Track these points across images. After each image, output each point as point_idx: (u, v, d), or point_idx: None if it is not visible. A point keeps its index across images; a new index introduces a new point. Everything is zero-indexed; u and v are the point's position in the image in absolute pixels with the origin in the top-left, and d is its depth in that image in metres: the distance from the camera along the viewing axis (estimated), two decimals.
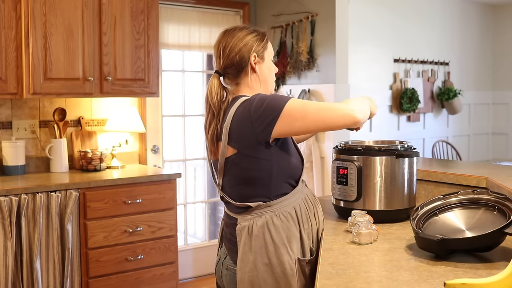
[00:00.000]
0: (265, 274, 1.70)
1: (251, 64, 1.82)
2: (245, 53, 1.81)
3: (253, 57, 1.81)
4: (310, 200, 1.85)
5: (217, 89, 1.80)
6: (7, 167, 3.43)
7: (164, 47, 4.18)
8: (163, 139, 4.34)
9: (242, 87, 1.83)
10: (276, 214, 1.73)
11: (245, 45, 1.81)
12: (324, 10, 4.08)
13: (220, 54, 1.82)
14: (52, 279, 3.10)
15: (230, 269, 1.81)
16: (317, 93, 4.11)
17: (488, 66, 6.89)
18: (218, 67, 1.84)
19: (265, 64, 1.86)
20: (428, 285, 1.34)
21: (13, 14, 3.24)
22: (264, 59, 1.86)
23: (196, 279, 4.44)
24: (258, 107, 1.69)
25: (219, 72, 1.84)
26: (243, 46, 1.80)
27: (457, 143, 6.43)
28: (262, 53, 1.85)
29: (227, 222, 1.86)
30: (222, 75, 1.84)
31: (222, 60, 1.82)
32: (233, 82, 1.85)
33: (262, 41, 1.85)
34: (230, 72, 1.83)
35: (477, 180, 2.18)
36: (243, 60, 1.81)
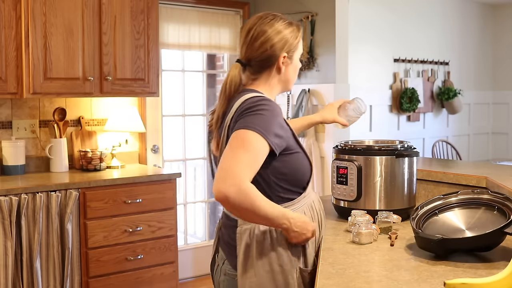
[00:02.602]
0: (266, 281, 1.61)
1: (279, 64, 1.68)
2: (276, 51, 1.66)
3: (283, 57, 1.67)
4: (316, 207, 1.74)
5: (237, 81, 1.65)
6: (7, 166, 3.43)
7: (164, 47, 4.18)
8: (163, 139, 4.34)
9: (259, 83, 1.70)
10: None
11: (279, 41, 1.65)
12: (324, 10, 4.08)
13: (249, 43, 1.66)
14: (52, 278, 3.10)
15: (229, 274, 1.70)
16: (317, 93, 4.11)
17: (488, 66, 6.89)
18: (242, 57, 1.69)
19: (292, 65, 1.73)
20: (428, 285, 1.34)
21: (13, 14, 3.24)
22: (293, 60, 1.72)
23: (196, 279, 4.44)
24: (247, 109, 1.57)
25: (241, 62, 1.68)
26: (277, 42, 1.65)
27: (457, 143, 6.43)
28: (292, 53, 1.71)
29: (226, 223, 1.74)
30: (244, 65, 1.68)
31: (249, 51, 1.66)
32: (251, 77, 1.70)
33: (297, 38, 1.70)
34: (253, 66, 1.68)
35: (477, 180, 2.18)
36: (271, 58, 1.66)
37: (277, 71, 1.69)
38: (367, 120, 5.49)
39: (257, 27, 1.65)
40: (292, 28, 1.69)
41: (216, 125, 1.70)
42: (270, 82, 1.71)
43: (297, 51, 1.72)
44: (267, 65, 1.67)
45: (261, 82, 1.70)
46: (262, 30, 1.65)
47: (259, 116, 1.55)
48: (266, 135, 1.53)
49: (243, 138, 1.51)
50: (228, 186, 1.44)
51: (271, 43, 1.64)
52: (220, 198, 1.45)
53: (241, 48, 1.69)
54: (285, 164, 1.63)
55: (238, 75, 1.66)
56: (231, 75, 1.66)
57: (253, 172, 1.51)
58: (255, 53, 1.65)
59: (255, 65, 1.68)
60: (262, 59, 1.66)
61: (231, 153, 1.50)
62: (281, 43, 1.66)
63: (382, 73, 5.67)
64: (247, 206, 1.47)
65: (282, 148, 1.61)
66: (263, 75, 1.70)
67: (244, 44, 1.67)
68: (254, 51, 1.65)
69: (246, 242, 1.63)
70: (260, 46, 1.64)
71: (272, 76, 1.70)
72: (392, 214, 1.87)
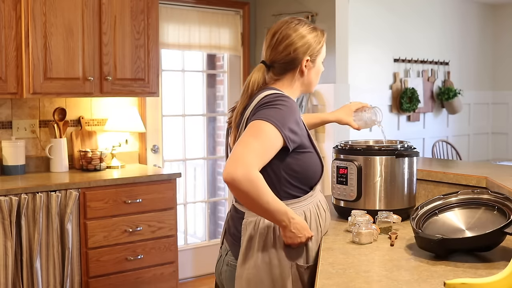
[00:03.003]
0: (263, 274, 1.66)
1: (302, 68, 1.74)
2: (300, 54, 1.72)
3: (306, 61, 1.74)
4: (322, 205, 1.78)
5: (260, 81, 1.72)
6: (7, 166, 3.43)
7: (164, 47, 4.18)
8: (163, 139, 4.34)
9: (281, 84, 1.76)
10: None
11: (303, 45, 1.71)
12: (324, 10, 4.08)
13: (273, 46, 1.73)
14: (52, 278, 3.10)
15: (231, 265, 1.75)
16: (317, 93, 4.11)
17: (488, 66, 6.89)
18: (267, 59, 1.75)
19: (315, 69, 1.79)
20: (428, 285, 1.34)
21: (13, 14, 3.24)
22: (316, 64, 1.78)
23: (196, 279, 4.44)
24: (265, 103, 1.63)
25: (266, 63, 1.75)
26: (300, 46, 1.71)
27: (457, 143, 6.43)
28: (315, 57, 1.77)
29: (233, 215, 1.79)
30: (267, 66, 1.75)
31: (273, 53, 1.73)
32: (274, 77, 1.76)
33: (320, 43, 1.76)
34: (276, 67, 1.75)
35: (477, 180, 2.18)
36: (295, 61, 1.73)
37: (300, 73, 1.75)
38: None
39: (282, 31, 1.72)
40: (316, 33, 1.75)
41: (235, 121, 1.74)
42: (292, 84, 1.76)
43: (320, 55, 1.78)
44: (290, 67, 1.74)
45: (283, 83, 1.76)
46: (286, 34, 1.71)
47: (276, 109, 1.61)
48: (281, 128, 1.59)
49: (258, 128, 1.57)
50: (237, 170, 1.49)
51: (294, 46, 1.71)
52: (227, 180, 1.50)
53: (266, 51, 1.75)
54: (298, 162, 1.68)
55: (261, 75, 1.73)
56: (255, 75, 1.72)
57: (263, 162, 1.57)
58: (279, 55, 1.72)
59: (278, 67, 1.74)
60: (286, 62, 1.72)
61: (245, 140, 1.56)
62: (305, 47, 1.72)
63: (382, 73, 5.67)
64: (252, 192, 1.51)
65: (296, 145, 1.66)
66: (286, 77, 1.75)
67: (269, 47, 1.74)
68: (278, 54, 1.72)
69: (250, 233, 1.68)
70: (284, 49, 1.71)
71: (295, 79, 1.76)
72: (392, 214, 1.87)
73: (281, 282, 1.67)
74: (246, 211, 1.71)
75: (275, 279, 1.66)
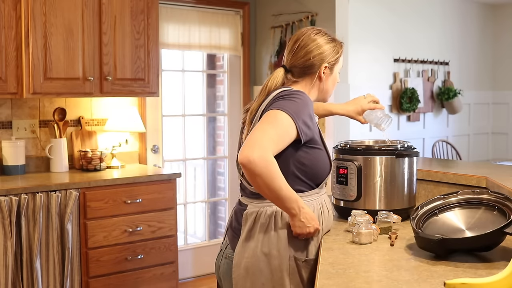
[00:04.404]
0: (262, 264, 1.69)
1: (320, 73, 1.83)
2: (318, 61, 1.82)
3: (324, 67, 1.83)
4: (327, 207, 1.82)
5: (278, 81, 1.81)
6: (7, 166, 3.43)
7: (164, 47, 4.18)
8: (163, 139, 4.34)
9: (299, 85, 1.84)
10: None
11: (321, 54, 1.82)
12: (324, 10, 4.08)
13: (294, 52, 1.83)
14: (52, 278, 3.10)
15: (229, 257, 1.79)
16: None
17: (488, 66, 6.89)
18: (287, 63, 1.86)
19: (332, 77, 1.88)
20: (428, 285, 1.34)
21: (13, 14, 3.24)
22: (333, 72, 1.88)
23: (196, 279, 4.44)
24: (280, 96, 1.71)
25: (285, 67, 1.85)
26: (319, 54, 1.82)
27: (457, 143, 6.43)
28: (333, 65, 1.86)
29: (237, 208, 1.84)
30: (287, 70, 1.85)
31: (294, 59, 1.84)
32: (292, 79, 1.85)
33: (338, 53, 1.86)
34: (295, 72, 1.84)
35: (477, 180, 2.18)
36: (314, 67, 1.82)
37: (318, 79, 1.84)
38: None
39: (304, 38, 1.83)
40: (335, 43, 1.86)
41: (250, 117, 1.80)
42: (310, 88, 1.85)
43: (337, 64, 1.88)
44: (309, 72, 1.83)
45: (301, 85, 1.84)
46: (306, 42, 1.82)
47: (292, 102, 1.69)
48: (295, 118, 1.66)
49: (274, 116, 1.65)
50: (254, 152, 1.55)
51: (314, 53, 1.81)
52: (243, 162, 1.55)
53: (287, 56, 1.86)
54: (307, 156, 1.73)
55: (280, 77, 1.82)
56: (274, 76, 1.82)
57: (278, 148, 1.64)
58: (298, 60, 1.82)
59: (297, 71, 1.84)
60: (305, 66, 1.82)
61: (261, 127, 1.63)
62: (323, 55, 1.82)
63: (382, 73, 5.67)
64: (266, 175, 1.56)
65: (308, 138, 1.72)
66: (304, 80, 1.84)
67: (290, 52, 1.85)
68: (298, 59, 1.83)
69: (250, 222, 1.73)
70: (304, 55, 1.81)
71: (313, 83, 1.85)
72: (392, 214, 1.87)
73: (279, 274, 1.69)
74: (249, 204, 1.76)
75: (274, 270, 1.69)
